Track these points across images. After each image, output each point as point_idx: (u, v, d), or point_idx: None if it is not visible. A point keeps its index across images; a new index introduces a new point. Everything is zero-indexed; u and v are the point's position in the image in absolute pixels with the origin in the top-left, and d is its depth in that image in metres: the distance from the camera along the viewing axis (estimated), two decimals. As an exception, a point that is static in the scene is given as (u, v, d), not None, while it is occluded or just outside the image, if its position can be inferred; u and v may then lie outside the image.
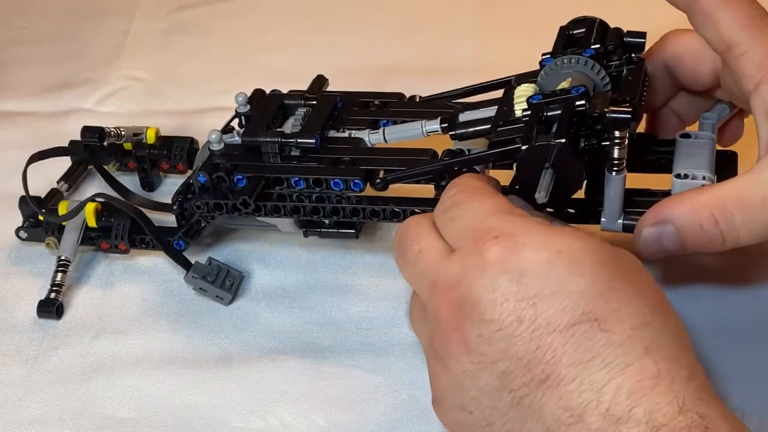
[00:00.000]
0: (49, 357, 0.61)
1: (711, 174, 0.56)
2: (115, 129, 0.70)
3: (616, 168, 0.54)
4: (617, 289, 0.44)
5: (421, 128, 0.61)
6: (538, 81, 0.58)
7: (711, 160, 0.57)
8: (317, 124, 0.62)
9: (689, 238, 0.52)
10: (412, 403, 0.57)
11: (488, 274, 0.44)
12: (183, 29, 0.90)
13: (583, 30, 0.59)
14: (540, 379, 0.43)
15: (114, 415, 0.57)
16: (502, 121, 0.56)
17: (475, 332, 0.45)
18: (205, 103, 0.81)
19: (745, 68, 0.52)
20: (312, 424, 0.56)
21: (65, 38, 0.89)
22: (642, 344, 0.43)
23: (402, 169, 0.58)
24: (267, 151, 0.61)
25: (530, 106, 0.55)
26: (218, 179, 0.60)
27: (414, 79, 0.81)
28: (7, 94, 0.83)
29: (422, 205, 0.59)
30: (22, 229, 0.67)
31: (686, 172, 0.56)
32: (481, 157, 0.57)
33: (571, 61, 0.57)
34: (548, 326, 0.43)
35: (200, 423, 0.56)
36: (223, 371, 0.59)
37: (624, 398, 0.41)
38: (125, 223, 0.65)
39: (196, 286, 0.63)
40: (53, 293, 0.63)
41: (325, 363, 0.60)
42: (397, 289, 0.64)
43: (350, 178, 0.58)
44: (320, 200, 0.60)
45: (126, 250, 0.65)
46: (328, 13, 0.91)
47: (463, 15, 0.89)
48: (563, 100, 0.54)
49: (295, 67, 0.82)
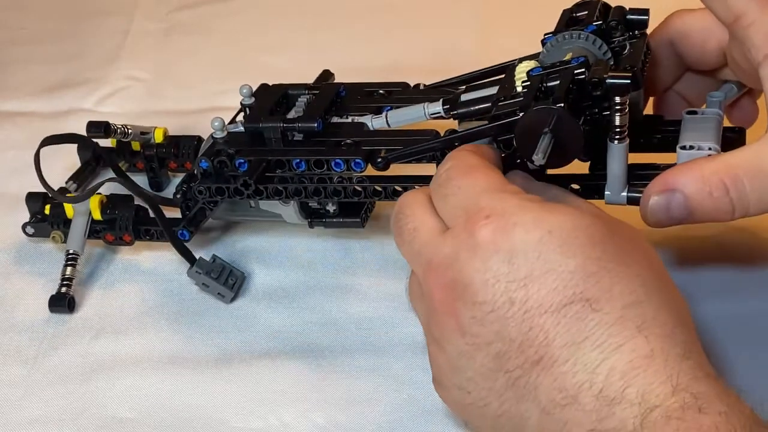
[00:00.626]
0: (49, 357, 0.61)
1: (717, 146, 0.55)
2: (122, 126, 0.70)
3: (618, 136, 0.53)
4: (608, 269, 0.43)
5: (423, 110, 0.61)
6: (539, 58, 0.58)
7: (717, 134, 0.56)
8: (319, 109, 0.62)
9: (698, 206, 0.51)
10: (412, 403, 0.57)
11: (479, 255, 0.44)
12: (183, 29, 0.90)
13: (585, 12, 0.59)
14: (534, 360, 0.43)
15: (114, 415, 0.57)
16: (503, 96, 0.56)
17: (469, 314, 0.45)
18: (205, 103, 0.81)
19: (754, 38, 0.51)
20: (312, 424, 0.56)
21: (65, 38, 0.90)
22: (634, 323, 0.42)
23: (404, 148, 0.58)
24: (269, 136, 0.61)
25: (530, 77, 0.54)
26: (220, 164, 0.60)
27: (414, 79, 0.80)
28: (7, 94, 0.83)
29: (423, 183, 0.57)
30: (29, 224, 0.66)
31: (691, 143, 0.54)
32: (482, 131, 0.55)
33: (572, 36, 0.57)
34: (540, 307, 0.43)
35: (200, 423, 0.56)
36: (223, 371, 0.59)
37: (617, 379, 0.41)
38: (130, 215, 0.64)
39: (199, 281, 0.63)
40: (64, 287, 0.63)
41: (325, 363, 0.59)
42: (397, 289, 0.64)
43: (351, 158, 0.58)
44: (322, 181, 0.60)
45: (131, 241, 0.65)
46: (328, 13, 0.91)
47: (464, 12, 0.89)
48: (562, 70, 0.53)
49: (295, 67, 0.82)
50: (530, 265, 0.44)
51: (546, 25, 0.61)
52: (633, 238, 0.46)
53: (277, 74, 0.80)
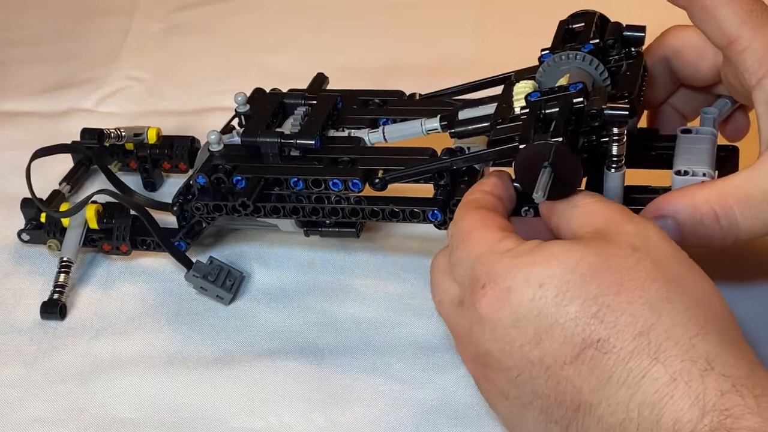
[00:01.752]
0: (49, 357, 0.61)
1: (711, 170, 0.56)
2: (116, 130, 0.70)
3: (615, 165, 0.54)
4: (608, 303, 0.43)
5: (420, 127, 0.61)
6: (536, 77, 0.58)
7: (711, 157, 0.57)
8: (317, 124, 0.62)
9: (689, 233, 0.52)
10: (412, 403, 0.57)
11: (487, 327, 0.45)
12: (183, 29, 0.90)
13: (582, 24, 0.59)
14: (573, 408, 0.44)
15: (114, 415, 0.57)
16: (501, 118, 0.56)
17: (503, 379, 0.46)
18: (205, 103, 0.81)
19: (747, 63, 0.52)
20: (312, 424, 0.56)
21: (65, 38, 0.89)
22: (648, 352, 0.42)
23: (401, 168, 0.58)
24: (266, 151, 0.61)
25: (528, 103, 0.55)
26: (217, 180, 0.60)
27: (414, 79, 0.81)
28: (7, 94, 0.83)
29: (421, 205, 0.58)
30: (25, 231, 0.67)
31: (686, 168, 0.56)
32: (480, 156, 0.56)
33: (569, 56, 0.57)
34: (557, 362, 0.44)
35: (200, 423, 0.56)
36: (223, 371, 0.59)
37: (649, 412, 0.41)
38: (126, 224, 0.65)
39: (197, 285, 0.63)
40: (56, 294, 0.63)
41: (325, 363, 0.59)
42: (397, 289, 0.64)
43: (349, 178, 0.58)
44: (319, 200, 0.60)
45: (128, 251, 0.65)
46: (328, 13, 0.91)
47: (463, 13, 0.89)
48: (561, 98, 0.53)
49: (295, 67, 0.82)
50: (534, 324, 0.44)
51: (545, 25, 0.61)
52: (624, 257, 0.45)
53: (276, 74, 0.80)
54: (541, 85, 0.57)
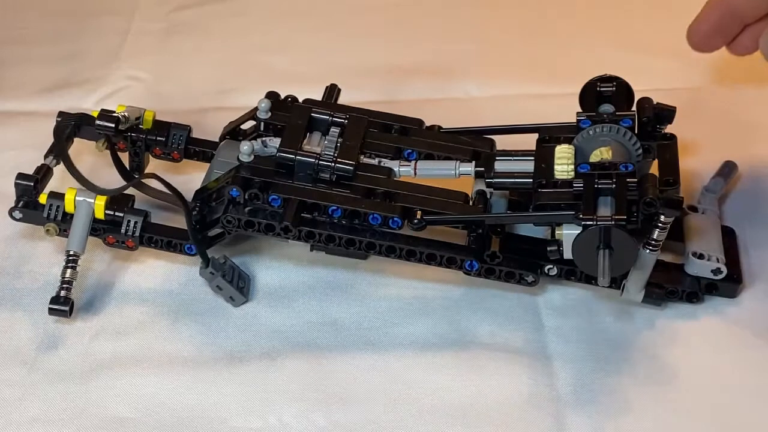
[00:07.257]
0: (49, 357, 0.61)
1: (722, 255, 0.61)
2: (123, 116, 0.68)
3: (652, 247, 0.56)
4: None
5: (455, 170, 0.62)
6: (574, 142, 0.59)
7: (719, 242, 0.62)
8: (353, 149, 0.61)
9: None
10: (411, 402, 0.57)
11: None
12: (183, 29, 0.90)
13: (611, 88, 0.62)
14: None
15: (114, 415, 0.57)
16: (543, 180, 0.57)
17: None
18: (205, 103, 0.81)
19: None
20: (312, 424, 0.56)
21: (65, 38, 0.89)
22: None
23: (444, 213, 0.59)
24: (301, 171, 0.60)
25: (582, 176, 0.56)
26: (252, 196, 0.60)
27: (414, 79, 0.81)
28: (7, 94, 0.83)
29: (459, 254, 0.59)
30: (17, 208, 0.63)
31: (701, 252, 0.61)
32: (527, 217, 0.58)
33: (610, 129, 0.59)
34: None
35: (200, 423, 0.57)
36: (223, 371, 0.59)
37: None
38: (138, 220, 0.63)
39: (213, 283, 0.62)
40: (63, 290, 0.62)
41: (325, 363, 0.60)
42: (397, 290, 0.64)
43: (389, 215, 0.58)
44: (353, 231, 0.60)
45: (134, 247, 0.64)
46: (328, 13, 0.91)
47: (464, 13, 0.89)
48: (614, 176, 0.55)
49: (295, 67, 0.82)
50: None
51: (544, 25, 0.61)
52: None
53: (276, 74, 0.80)
54: (579, 151, 0.59)
